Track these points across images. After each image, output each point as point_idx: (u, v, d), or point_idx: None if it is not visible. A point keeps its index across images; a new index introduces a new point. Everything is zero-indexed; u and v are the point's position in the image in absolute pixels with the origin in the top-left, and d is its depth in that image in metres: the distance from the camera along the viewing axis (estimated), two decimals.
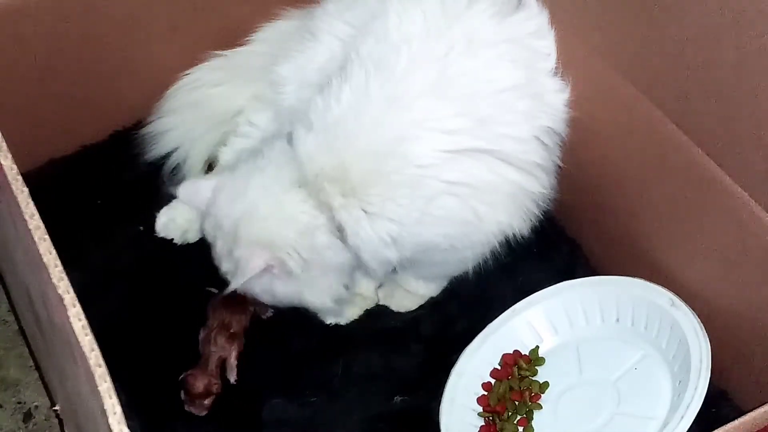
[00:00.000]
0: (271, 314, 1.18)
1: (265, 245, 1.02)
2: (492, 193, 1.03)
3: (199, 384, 1.08)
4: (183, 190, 1.12)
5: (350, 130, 0.99)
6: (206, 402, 1.09)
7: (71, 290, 0.67)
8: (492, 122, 1.01)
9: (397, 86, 0.99)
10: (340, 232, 1.02)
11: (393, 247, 1.02)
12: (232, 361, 1.12)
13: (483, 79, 1.01)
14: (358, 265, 1.07)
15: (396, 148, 0.98)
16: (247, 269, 1.01)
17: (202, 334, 1.14)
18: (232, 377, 1.12)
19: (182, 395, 1.09)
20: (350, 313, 1.19)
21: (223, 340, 1.12)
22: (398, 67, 0.99)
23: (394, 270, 1.17)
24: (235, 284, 1.03)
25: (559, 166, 1.10)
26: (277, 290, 1.06)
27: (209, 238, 1.10)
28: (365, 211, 1.00)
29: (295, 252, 1.02)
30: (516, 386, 1.06)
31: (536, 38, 1.07)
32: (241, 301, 1.16)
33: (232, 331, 1.13)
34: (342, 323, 1.19)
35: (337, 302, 1.10)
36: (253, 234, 1.03)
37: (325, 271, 1.05)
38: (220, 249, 1.07)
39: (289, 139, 1.05)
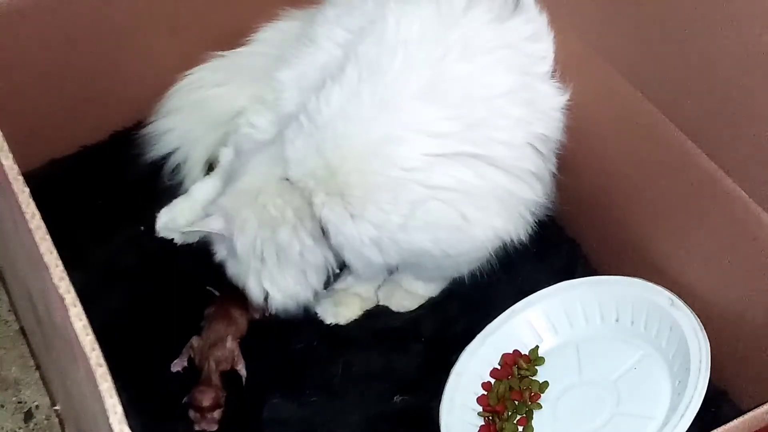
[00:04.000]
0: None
1: (228, 216, 1.04)
2: (482, 198, 1.02)
3: (208, 398, 1.08)
4: (162, 226, 1.25)
5: (339, 132, 0.99)
6: (216, 415, 1.08)
7: (72, 290, 0.67)
8: (484, 127, 1.01)
9: (387, 89, 0.99)
10: (323, 230, 1.02)
11: (376, 250, 1.01)
12: (242, 371, 1.13)
13: (477, 84, 1.01)
14: (348, 267, 1.07)
15: (381, 150, 0.98)
16: (204, 223, 1.06)
17: (195, 343, 1.13)
18: (243, 375, 1.13)
19: (191, 414, 1.08)
20: (349, 313, 1.19)
21: (221, 354, 1.12)
22: (391, 69, 1.00)
23: (391, 272, 1.17)
24: (195, 229, 1.08)
25: (559, 167, 1.10)
26: (227, 265, 1.08)
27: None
28: (348, 212, 1.00)
29: (250, 238, 1.03)
30: (516, 386, 1.06)
31: (533, 42, 1.07)
32: (239, 305, 1.16)
33: (228, 342, 1.13)
34: (342, 323, 1.19)
35: (294, 300, 1.08)
36: (229, 200, 1.06)
37: (281, 266, 1.05)
38: None
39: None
